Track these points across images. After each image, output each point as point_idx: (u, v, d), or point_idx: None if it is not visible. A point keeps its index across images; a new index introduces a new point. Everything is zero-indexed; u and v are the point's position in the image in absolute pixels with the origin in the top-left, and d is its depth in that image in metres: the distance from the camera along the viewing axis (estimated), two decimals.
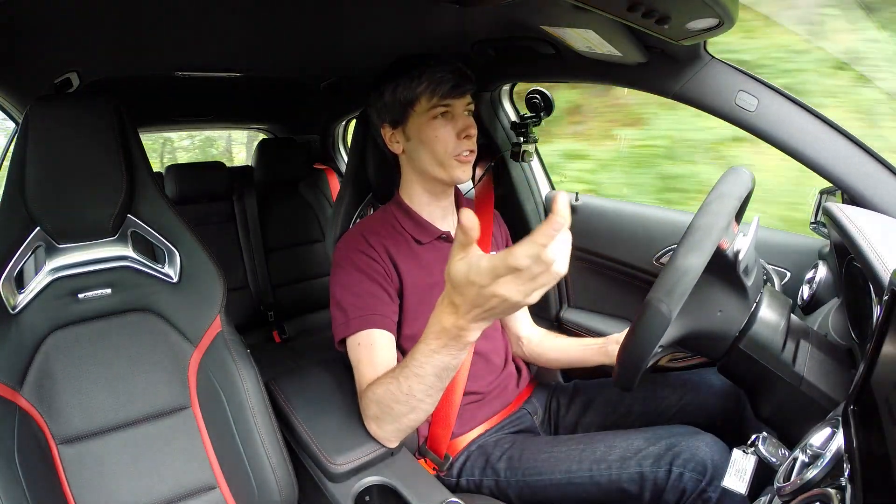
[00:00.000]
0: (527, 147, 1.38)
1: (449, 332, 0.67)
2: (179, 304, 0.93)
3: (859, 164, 0.85)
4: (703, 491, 0.77)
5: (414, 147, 0.96)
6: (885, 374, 0.47)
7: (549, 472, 0.89)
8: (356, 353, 0.90)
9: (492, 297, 0.58)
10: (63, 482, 0.81)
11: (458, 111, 0.94)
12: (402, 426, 0.83)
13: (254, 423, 0.89)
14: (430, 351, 0.71)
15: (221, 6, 0.85)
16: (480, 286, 0.58)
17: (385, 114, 0.97)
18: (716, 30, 0.77)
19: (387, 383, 0.80)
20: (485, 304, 0.60)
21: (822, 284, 0.94)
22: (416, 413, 0.80)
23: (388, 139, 0.99)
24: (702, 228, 0.67)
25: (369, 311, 0.91)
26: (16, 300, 0.82)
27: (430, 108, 0.92)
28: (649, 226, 1.31)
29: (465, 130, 0.93)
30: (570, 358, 1.13)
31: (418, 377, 0.75)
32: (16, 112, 1.20)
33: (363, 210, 1.19)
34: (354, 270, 0.93)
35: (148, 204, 0.92)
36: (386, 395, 0.80)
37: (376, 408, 0.83)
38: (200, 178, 1.96)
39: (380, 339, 0.90)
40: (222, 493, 0.90)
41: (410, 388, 0.76)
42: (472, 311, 0.62)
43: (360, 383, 0.88)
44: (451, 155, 0.94)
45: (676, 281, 0.65)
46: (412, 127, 0.95)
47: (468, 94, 0.95)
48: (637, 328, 0.69)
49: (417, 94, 0.92)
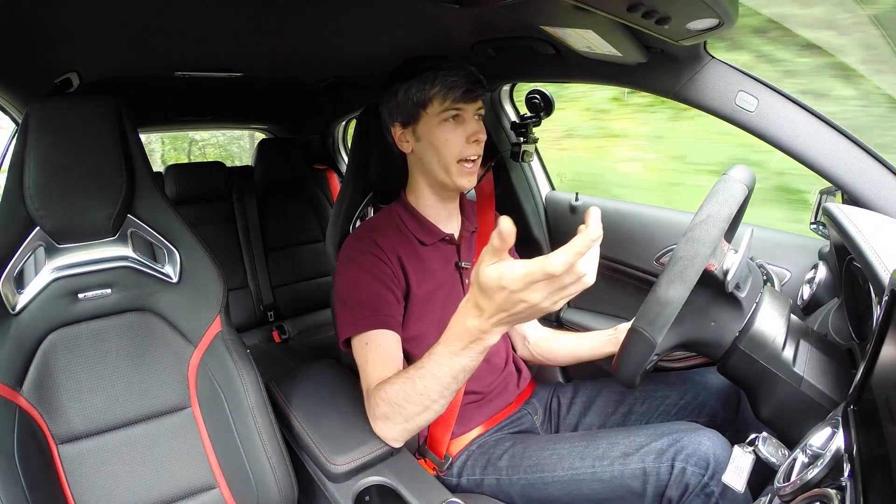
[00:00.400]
0: (527, 147, 1.38)
1: (471, 334, 0.68)
2: (179, 304, 0.93)
3: (859, 164, 0.85)
4: (705, 485, 0.77)
5: (423, 148, 0.97)
6: (885, 374, 0.47)
7: (551, 469, 0.89)
8: (363, 353, 0.90)
9: (520, 301, 0.59)
10: (63, 482, 0.81)
11: (469, 115, 0.95)
12: (411, 426, 0.83)
13: (253, 423, 0.89)
14: (450, 353, 0.72)
15: (221, 6, 0.85)
16: (511, 291, 0.59)
17: (397, 113, 0.98)
18: (716, 30, 0.77)
19: (400, 383, 0.80)
20: (511, 308, 0.61)
21: (822, 285, 0.94)
22: (427, 413, 0.80)
23: (398, 138, 1.00)
24: (684, 259, 0.66)
25: (377, 312, 0.91)
26: (16, 300, 0.82)
27: (442, 110, 0.93)
28: (649, 226, 1.31)
29: (474, 135, 0.94)
30: (581, 353, 1.12)
31: (435, 377, 0.75)
32: (16, 112, 1.20)
33: (363, 210, 1.19)
34: (362, 271, 0.93)
35: (148, 204, 0.92)
36: (399, 394, 0.80)
37: (387, 407, 0.83)
38: (200, 179, 1.96)
39: (388, 339, 0.90)
40: (222, 493, 0.90)
41: (426, 387, 0.77)
42: (498, 314, 0.63)
43: (368, 382, 0.88)
44: (457, 158, 0.95)
45: (659, 312, 0.66)
46: (422, 128, 0.96)
47: (479, 100, 0.96)
48: (623, 353, 0.71)
49: (430, 96, 0.93)
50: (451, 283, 1.03)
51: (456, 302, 1.04)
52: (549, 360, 1.18)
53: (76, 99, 0.89)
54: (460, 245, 1.06)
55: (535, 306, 0.59)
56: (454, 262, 1.05)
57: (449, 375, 0.74)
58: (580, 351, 1.13)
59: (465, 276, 1.05)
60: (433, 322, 0.99)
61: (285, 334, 2.05)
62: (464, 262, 1.05)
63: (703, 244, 0.67)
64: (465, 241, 1.07)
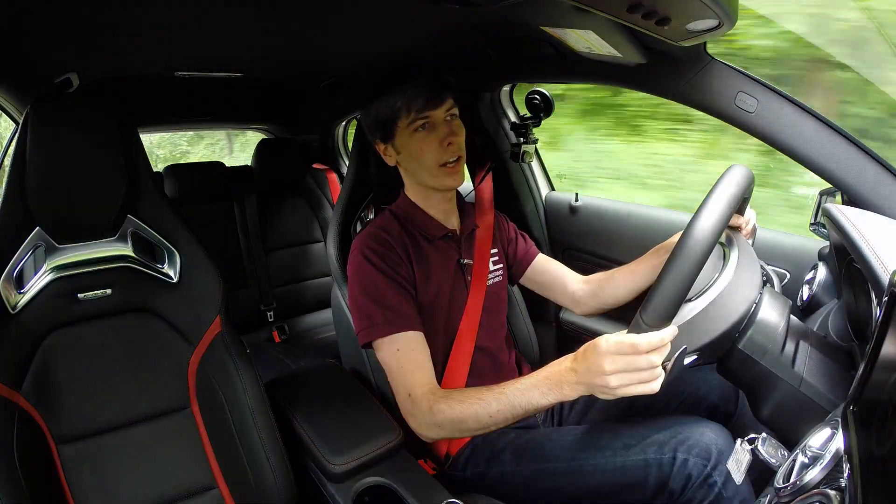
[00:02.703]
0: (527, 148, 1.38)
1: (560, 377, 0.74)
2: (179, 304, 0.93)
3: (859, 165, 0.85)
4: (707, 476, 0.77)
5: (405, 160, 1.00)
6: (885, 374, 0.47)
7: (554, 461, 0.89)
8: (395, 358, 0.91)
9: (599, 367, 0.67)
10: (63, 482, 0.81)
11: (438, 119, 0.96)
12: (455, 436, 0.89)
13: (253, 423, 0.89)
14: (539, 393, 0.76)
15: (222, 6, 0.85)
16: (599, 352, 0.67)
17: (375, 130, 1.01)
18: (716, 31, 0.77)
19: (470, 402, 0.82)
20: (592, 374, 0.68)
21: (822, 285, 0.94)
22: (480, 431, 0.84)
23: (382, 153, 1.03)
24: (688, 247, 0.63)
25: (401, 314, 0.92)
26: (15, 300, 0.82)
27: (409, 123, 0.95)
28: (649, 226, 1.31)
29: (447, 138, 0.95)
30: (644, 277, 1.05)
31: (512, 407, 0.78)
32: (16, 112, 1.20)
33: (363, 211, 1.19)
34: (376, 271, 0.94)
35: (148, 204, 0.92)
36: (466, 412, 0.82)
37: (447, 420, 0.85)
38: (200, 179, 1.96)
39: (417, 340, 0.92)
40: (221, 494, 0.90)
41: (498, 412, 0.80)
42: (582, 378, 0.71)
43: (412, 388, 0.89)
44: (437, 164, 0.96)
45: (663, 303, 0.64)
46: (399, 141, 0.98)
47: (448, 100, 0.96)
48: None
49: (396, 110, 0.95)
50: (455, 283, 1.04)
51: (460, 302, 1.06)
52: (610, 303, 1.11)
53: (76, 99, 0.89)
54: (461, 242, 1.07)
55: (605, 377, 0.66)
56: (456, 260, 1.05)
57: (522, 408, 0.78)
58: (641, 275, 1.05)
59: (466, 273, 1.05)
60: (440, 323, 1.00)
61: (285, 334, 2.05)
62: (465, 259, 1.06)
63: (707, 232, 0.64)
64: (465, 240, 1.08)
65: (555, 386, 0.74)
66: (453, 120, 0.97)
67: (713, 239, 0.64)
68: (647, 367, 0.64)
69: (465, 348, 1.01)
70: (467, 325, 1.03)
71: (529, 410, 0.78)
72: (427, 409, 0.86)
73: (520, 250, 1.18)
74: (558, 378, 0.74)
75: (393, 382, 0.92)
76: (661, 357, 0.65)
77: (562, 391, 0.74)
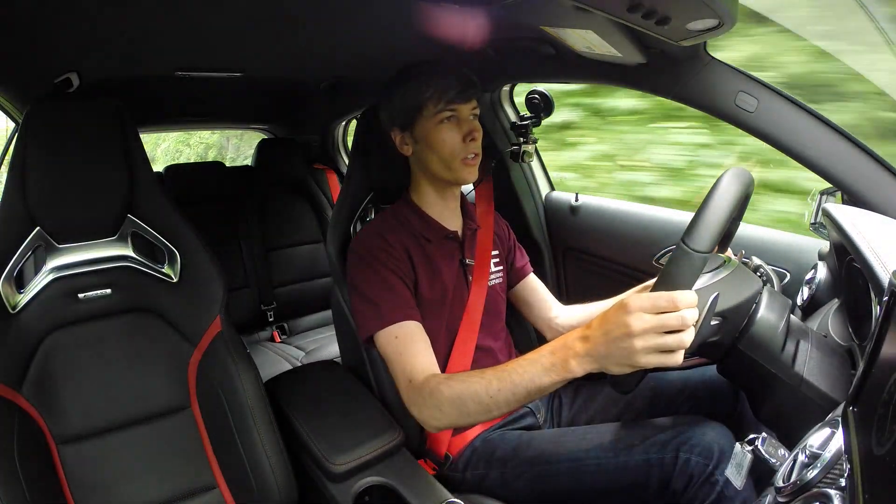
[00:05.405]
0: (526, 148, 1.38)
1: (565, 351, 0.70)
2: (179, 304, 0.93)
3: (859, 165, 0.85)
4: (710, 475, 0.77)
5: (422, 149, 0.99)
6: (884, 374, 0.47)
7: (556, 461, 0.89)
8: (394, 346, 0.90)
9: (624, 328, 0.63)
10: (63, 482, 0.81)
11: (464, 115, 0.97)
12: (459, 423, 0.83)
13: (253, 423, 0.89)
14: (538, 364, 0.72)
15: (222, 6, 0.85)
16: (627, 311, 0.63)
17: (395, 117, 1.00)
18: (716, 30, 0.77)
19: (471, 381, 0.79)
20: (611, 335, 0.64)
21: (822, 285, 0.94)
22: (482, 417, 0.80)
23: (398, 142, 1.02)
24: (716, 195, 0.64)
25: (401, 305, 0.92)
26: (16, 300, 0.82)
27: (437, 112, 0.95)
28: (649, 226, 1.31)
29: (470, 134, 0.96)
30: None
31: (513, 385, 0.74)
32: (16, 112, 1.20)
33: (363, 210, 1.19)
34: (380, 267, 0.94)
35: (148, 204, 0.92)
36: (466, 391, 0.79)
37: (445, 400, 0.81)
38: (200, 178, 1.96)
39: (417, 329, 0.91)
40: (221, 493, 0.90)
41: (499, 391, 0.75)
42: (597, 345, 0.66)
43: (410, 373, 0.87)
44: (457, 157, 0.97)
45: (705, 224, 0.64)
46: (420, 130, 0.98)
47: (473, 99, 0.98)
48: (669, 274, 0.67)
49: (425, 99, 0.95)
50: (458, 282, 1.04)
51: (462, 301, 1.06)
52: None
53: (76, 99, 0.89)
54: (463, 243, 1.07)
55: (631, 340, 0.62)
56: (458, 260, 1.05)
57: (523, 387, 0.73)
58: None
59: (469, 273, 1.06)
60: (442, 322, 1.00)
61: (285, 334, 2.05)
62: (467, 259, 1.06)
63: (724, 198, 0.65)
64: (468, 240, 1.08)
65: (559, 361, 0.70)
66: (475, 119, 0.99)
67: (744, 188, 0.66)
68: (680, 326, 0.61)
69: (467, 348, 1.02)
70: (468, 324, 1.03)
71: (532, 391, 0.73)
72: (428, 393, 0.84)
73: (517, 261, 1.19)
74: (564, 351, 0.70)
75: (393, 372, 0.90)
76: (693, 317, 0.62)
77: (567, 365, 0.69)
